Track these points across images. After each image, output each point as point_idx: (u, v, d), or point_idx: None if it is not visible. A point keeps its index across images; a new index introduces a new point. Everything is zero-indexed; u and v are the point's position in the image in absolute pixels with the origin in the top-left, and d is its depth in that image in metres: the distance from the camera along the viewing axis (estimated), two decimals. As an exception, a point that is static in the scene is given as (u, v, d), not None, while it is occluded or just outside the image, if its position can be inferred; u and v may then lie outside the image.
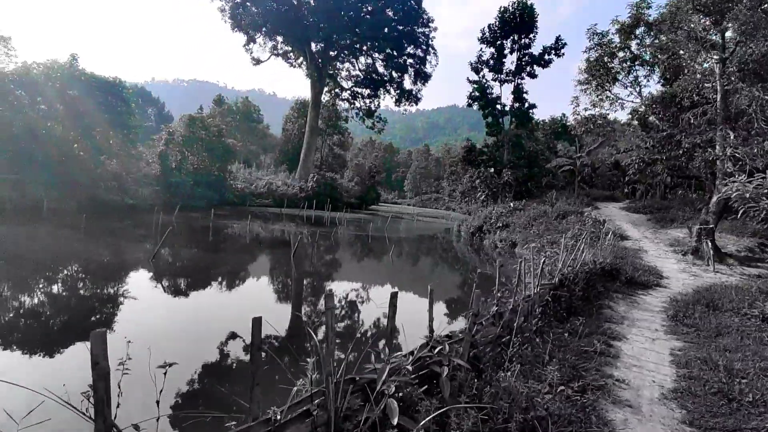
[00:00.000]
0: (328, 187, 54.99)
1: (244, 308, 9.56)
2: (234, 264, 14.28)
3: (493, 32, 36.22)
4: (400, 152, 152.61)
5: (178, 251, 15.60)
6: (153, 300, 9.43)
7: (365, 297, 12.07)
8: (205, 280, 11.80)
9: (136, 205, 26.00)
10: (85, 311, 8.29)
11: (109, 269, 11.90)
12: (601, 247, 12.17)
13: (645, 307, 8.58)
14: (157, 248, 12.57)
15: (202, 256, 15.06)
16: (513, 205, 28.89)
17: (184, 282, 11.39)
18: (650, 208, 27.98)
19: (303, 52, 56.18)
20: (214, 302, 9.85)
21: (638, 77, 21.65)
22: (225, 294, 10.67)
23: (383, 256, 18.56)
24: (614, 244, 14.43)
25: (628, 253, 15.64)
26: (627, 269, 11.35)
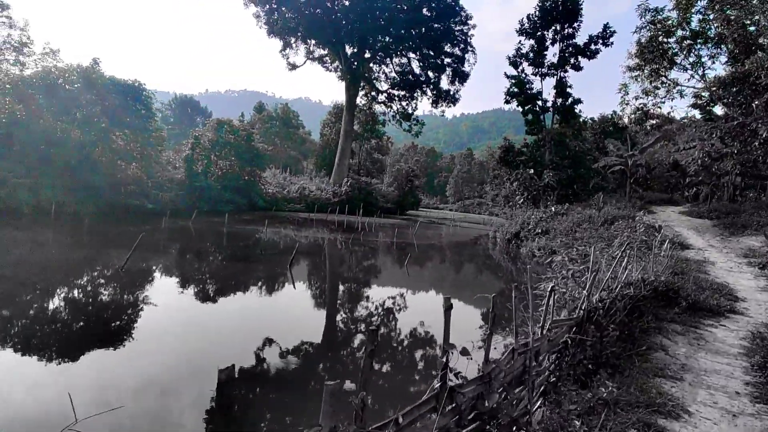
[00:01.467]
0: (363, 191, 53.70)
1: (208, 331, 8.01)
2: (217, 274, 12.88)
3: (532, 23, 33.46)
4: (443, 156, 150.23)
5: (162, 259, 14.43)
6: (90, 319, 8.06)
7: (352, 319, 10.25)
8: (173, 293, 10.42)
9: (156, 210, 25.52)
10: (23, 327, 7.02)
11: (70, 278, 10.79)
12: (653, 260, 9.67)
13: (716, 346, 6.20)
14: (128, 257, 11.34)
15: (184, 265, 13.77)
16: (554, 209, 26.09)
17: (142, 295, 10.02)
18: (716, 213, 24.30)
19: (337, 54, 55.35)
20: (173, 323, 8.37)
21: (701, 57, 18.52)
22: (187, 313, 9.17)
23: (397, 267, 16.65)
24: (672, 255, 11.75)
25: (689, 266, 12.87)
26: (689, 288, 8.84)
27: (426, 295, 13.29)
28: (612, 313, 5.39)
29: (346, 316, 10.08)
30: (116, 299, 9.46)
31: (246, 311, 9.56)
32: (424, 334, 8.99)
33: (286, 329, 8.54)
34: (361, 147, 78.96)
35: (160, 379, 5.63)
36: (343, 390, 4.49)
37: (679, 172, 35.78)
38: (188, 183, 29.96)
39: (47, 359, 5.88)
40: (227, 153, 35.16)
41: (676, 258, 12.47)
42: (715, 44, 18.01)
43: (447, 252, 26.00)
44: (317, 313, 10.28)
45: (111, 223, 21.18)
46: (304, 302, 10.99)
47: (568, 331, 4.63)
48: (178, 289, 10.86)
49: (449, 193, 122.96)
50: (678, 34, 18.48)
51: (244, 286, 11.85)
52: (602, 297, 5.62)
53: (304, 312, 10.06)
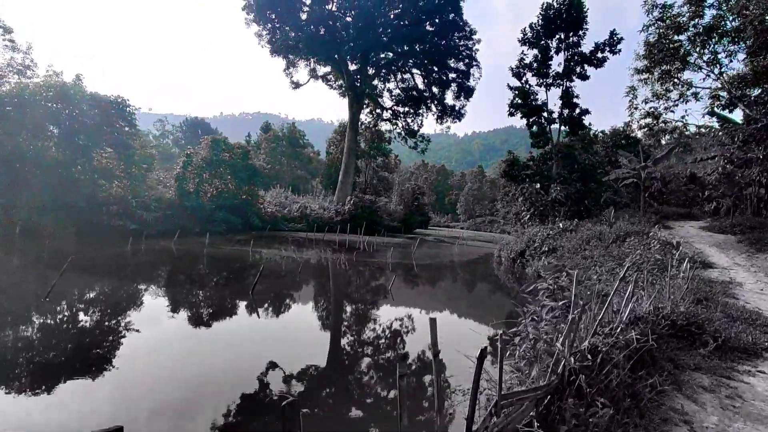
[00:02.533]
0: (367, 210, 52.32)
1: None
2: (156, 303, 11.40)
3: (535, 32, 32.19)
4: (453, 175, 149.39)
5: (106, 284, 13.02)
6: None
7: (314, 352, 8.66)
8: (104, 319, 8.99)
9: (140, 231, 24.38)
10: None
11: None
12: (670, 284, 7.91)
13: (758, 409, 4.49)
14: (53, 284, 9.95)
15: (121, 292, 12.30)
16: (562, 225, 24.28)
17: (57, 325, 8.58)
18: (740, 228, 22.23)
19: (340, 71, 54.87)
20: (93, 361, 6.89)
21: (717, 54, 16.79)
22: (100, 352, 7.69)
23: (380, 290, 15.01)
24: (692, 276, 9.94)
25: (714, 289, 11.05)
26: (716, 320, 7.09)
27: (401, 324, 11.65)
28: (608, 371, 3.75)
29: (309, 346, 8.54)
30: (21, 334, 8.05)
31: (176, 348, 8.04)
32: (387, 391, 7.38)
33: (226, 373, 6.99)
34: (367, 165, 78.09)
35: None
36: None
37: (697, 185, 33.69)
38: (178, 203, 28.85)
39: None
40: (222, 171, 34.18)
41: (698, 280, 10.65)
42: (732, 40, 16.32)
43: (445, 273, 24.25)
44: (272, 347, 8.73)
45: (86, 244, 20.01)
46: (261, 334, 9.45)
47: (534, 408, 3.03)
48: (101, 320, 9.42)
49: (460, 212, 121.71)
50: (690, 31, 16.87)
51: (191, 315, 10.36)
52: (594, 345, 3.99)
53: (257, 347, 8.52)
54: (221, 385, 6.37)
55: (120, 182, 24.38)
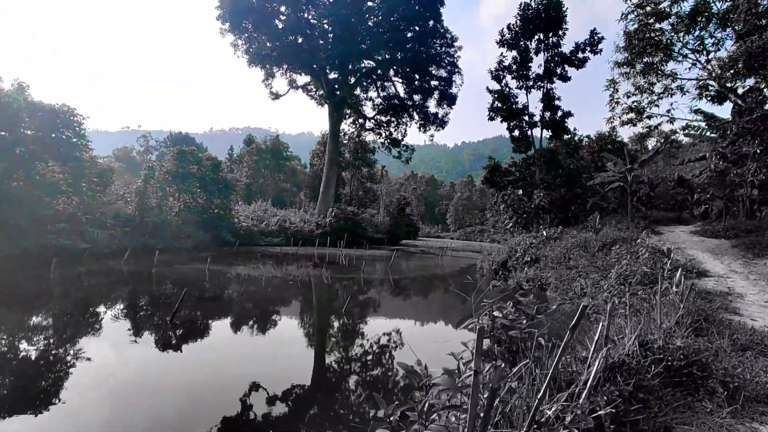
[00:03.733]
0: (349, 222, 50.66)
1: None
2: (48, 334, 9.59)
3: (513, 33, 31.00)
4: (443, 184, 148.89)
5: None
6: None
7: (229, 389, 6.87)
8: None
9: (93, 250, 22.47)
10: None
11: None
12: (661, 305, 6.26)
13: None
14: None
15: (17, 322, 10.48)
16: (546, 233, 22.74)
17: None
18: (734, 231, 20.79)
19: (319, 81, 53.58)
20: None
21: (703, 40, 15.44)
22: None
23: (336, 310, 13.19)
24: (686, 290, 8.31)
25: (713, 304, 9.45)
26: (723, 356, 5.46)
27: (340, 349, 9.89)
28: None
29: (217, 380, 6.79)
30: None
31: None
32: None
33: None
34: (353, 176, 76.65)
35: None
36: None
37: (686, 187, 32.50)
38: (139, 219, 26.96)
39: None
40: (190, 185, 32.37)
41: (694, 294, 9.03)
42: (719, 24, 15.00)
43: (421, 287, 22.53)
44: (193, 386, 6.95)
45: (24, 266, 18.07)
46: (179, 372, 7.67)
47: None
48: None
49: (450, 221, 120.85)
50: (673, 17, 15.54)
51: (102, 349, 8.54)
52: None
53: (178, 388, 6.74)
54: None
55: (68, 198, 22.47)
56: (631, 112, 18.05)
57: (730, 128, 13.03)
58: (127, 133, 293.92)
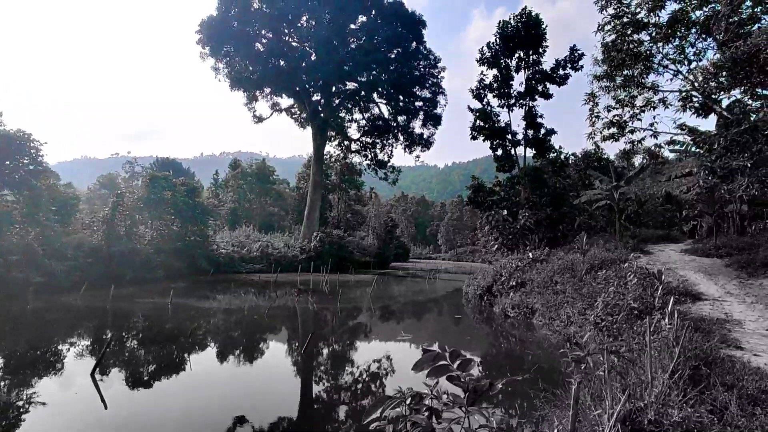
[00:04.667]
0: (335, 246, 49.42)
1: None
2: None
3: (493, 51, 30.63)
4: (434, 205, 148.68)
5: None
6: None
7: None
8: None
9: (52, 283, 21.00)
10: None
11: None
12: (652, 352, 5.13)
13: None
14: None
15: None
16: (531, 255, 21.71)
17: None
18: (726, 249, 19.88)
19: (302, 104, 53.09)
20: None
21: (684, 49, 14.71)
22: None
23: (292, 351, 11.83)
24: (681, 329, 7.18)
25: (711, 338, 8.37)
26: (730, 418, 4.34)
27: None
28: None
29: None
30: None
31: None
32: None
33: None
34: (340, 199, 75.69)
35: None
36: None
37: (674, 204, 31.79)
38: (105, 248, 25.55)
39: None
40: (163, 211, 31.09)
41: (690, 329, 7.89)
42: (699, 33, 14.33)
43: (400, 316, 21.21)
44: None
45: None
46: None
47: None
48: None
49: (441, 242, 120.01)
50: (651, 28, 14.86)
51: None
52: None
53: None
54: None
55: (23, 228, 21.08)
56: (613, 127, 17.27)
57: (717, 141, 12.25)
58: (117, 160, 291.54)
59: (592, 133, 17.58)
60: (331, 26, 48.83)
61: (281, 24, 48.67)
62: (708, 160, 13.25)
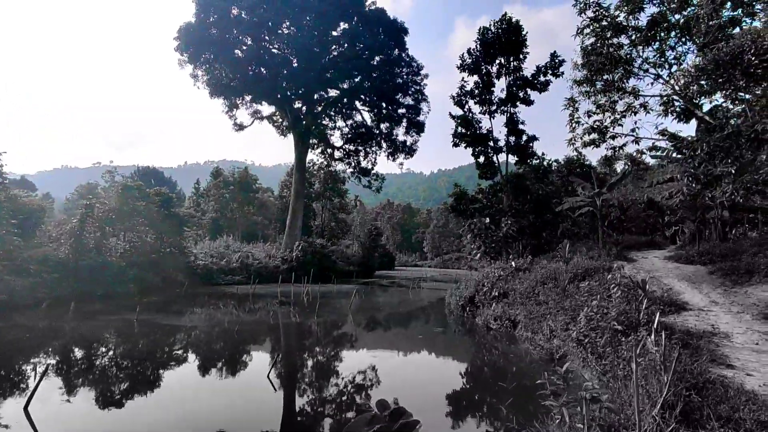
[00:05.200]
0: (318, 255, 48.43)
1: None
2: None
3: (474, 57, 30.36)
4: (420, 212, 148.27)
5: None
6: None
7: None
8: None
9: (9, 302, 19.79)
10: None
11: None
12: (637, 380, 4.54)
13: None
14: None
15: None
16: (514, 264, 21.21)
17: None
18: (709, 256, 19.62)
19: (284, 111, 52.37)
20: None
21: (664, 53, 14.40)
22: None
23: (259, 374, 10.98)
24: (670, 354, 6.63)
25: (701, 356, 7.84)
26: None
27: None
28: None
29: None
30: None
31: None
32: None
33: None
34: (324, 208, 74.80)
35: None
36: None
37: (656, 210, 31.75)
38: (73, 262, 24.39)
39: None
40: (136, 222, 29.98)
41: (678, 348, 7.34)
42: (679, 36, 14.04)
43: (378, 331, 20.49)
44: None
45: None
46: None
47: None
48: None
49: (427, 249, 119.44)
50: (630, 29, 14.58)
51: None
52: None
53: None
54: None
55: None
56: (594, 133, 16.90)
57: (700, 147, 11.88)
58: (98, 169, 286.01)
59: (572, 139, 17.20)
60: (313, 33, 48.34)
61: (261, 31, 48.02)
62: (691, 167, 12.88)
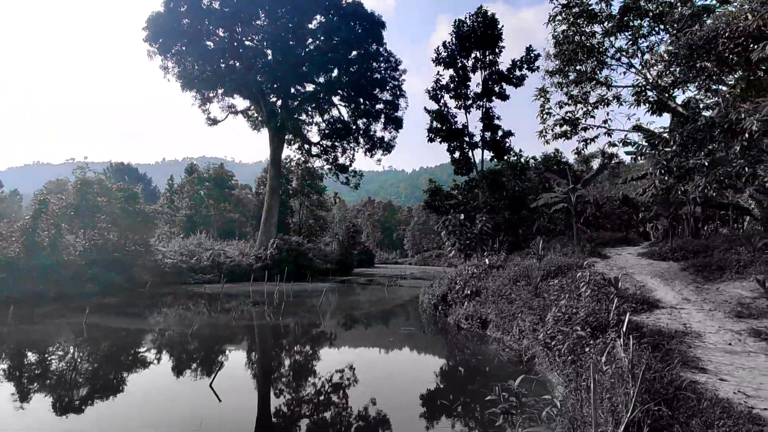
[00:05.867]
0: (293, 253, 47.31)
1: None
2: None
3: (450, 51, 29.78)
4: (401, 210, 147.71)
5: None
6: None
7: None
8: None
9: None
10: None
11: None
12: (600, 392, 3.91)
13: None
14: None
15: None
16: (488, 261, 20.70)
17: None
18: (682, 252, 19.47)
19: (259, 105, 51.00)
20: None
21: (637, 41, 13.89)
22: None
23: (201, 385, 10.13)
24: (637, 361, 6.07)
25: (672, 358, 7.31)
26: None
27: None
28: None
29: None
30: None
31: None
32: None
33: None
34: (302, 205, 73.47)
35: None
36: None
37: (630, 206, 31.73)
38: (26, 262, 22.98)
39: None
40: (96, 219, 28.55)
41: (647, 353, 6.80)
42: (653, 23, 13.62)
43: (346, 332, 19.74)
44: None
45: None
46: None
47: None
48: None
49: (407, 247, 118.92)
50: (603, 16, 14.07)
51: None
52: None
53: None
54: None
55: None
56: (565, 124, 16.43)
57: (672, 138, 11.52)
58: (71, 165, 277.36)
59: (543, 131, 16.73)
60: (288, 26, 47.14)
61: (235, 22, 46.60)
62: (663, 158, 12.49)
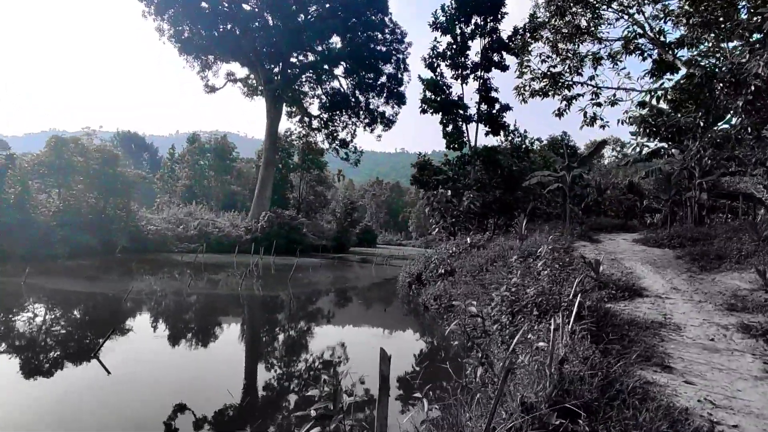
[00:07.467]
0: (285, 227, 46.17)
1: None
2: None
3: (448, 15, 27.66)
4: (409, 191, 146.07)
5: None
6: None
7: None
8: None
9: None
10: None
11: None
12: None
13: None
14: None
15: None
16: (470, 240, 19.25)
17: None
18: (680, 239, 17.78)
19: (257, 74, 49.38)
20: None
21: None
22: None
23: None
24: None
25: (629, 353, 5.86)
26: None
27: None
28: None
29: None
30: None
31: None
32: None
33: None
34: (301, 179, 72.23)
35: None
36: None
37: (635, 194, 29.83)
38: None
39: None
40: (74, 180, 27.55)
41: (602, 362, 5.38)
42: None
43: (309, 308, 18.55)
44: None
45: None
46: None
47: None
48: None
49: (412, 229, 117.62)
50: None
51: None
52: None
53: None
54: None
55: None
56: (545, 79, 14.57)
57: (665, 93, 9.80)
58: (87, 134, 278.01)
59: (520, 87, 14.89)
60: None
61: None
62: (649, 116, 10.77)
